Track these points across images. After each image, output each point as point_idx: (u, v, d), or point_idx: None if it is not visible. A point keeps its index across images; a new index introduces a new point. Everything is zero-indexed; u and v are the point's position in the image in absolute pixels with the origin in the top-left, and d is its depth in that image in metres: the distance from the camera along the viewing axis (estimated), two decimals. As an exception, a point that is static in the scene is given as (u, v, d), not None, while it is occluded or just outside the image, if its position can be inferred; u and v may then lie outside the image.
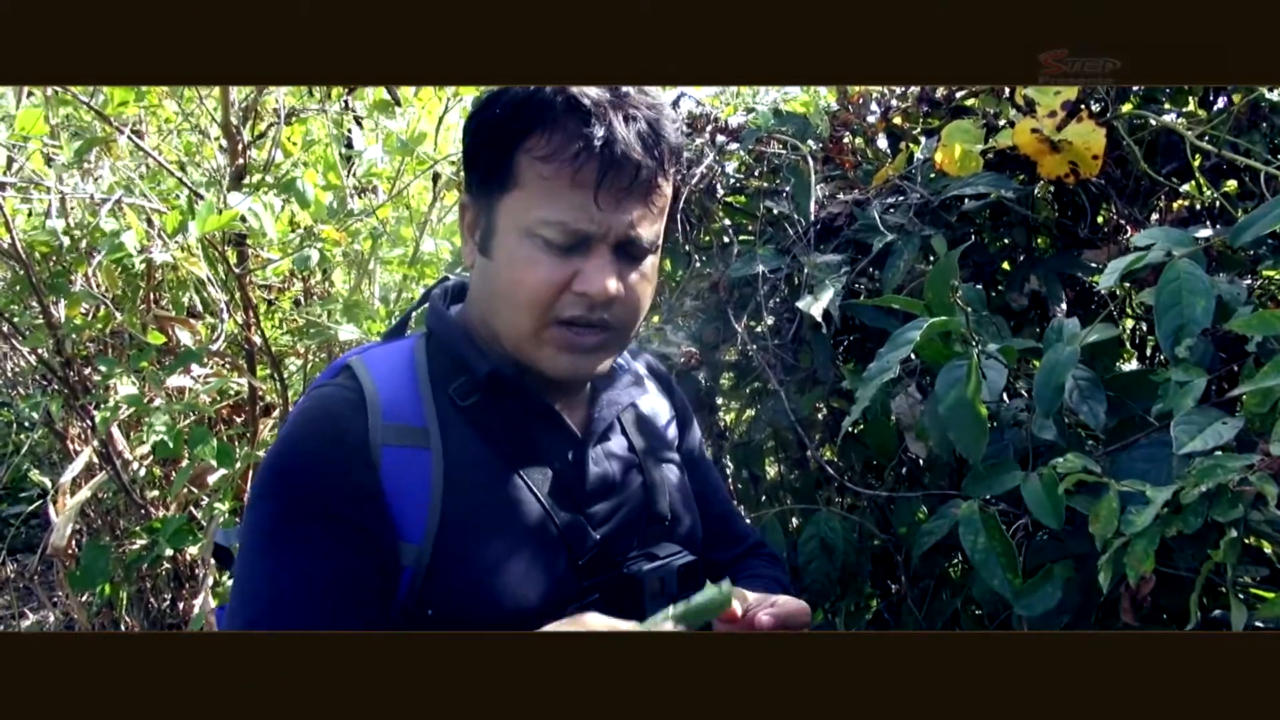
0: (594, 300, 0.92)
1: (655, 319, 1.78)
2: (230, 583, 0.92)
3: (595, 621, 0.83)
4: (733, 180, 1.80)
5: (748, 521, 1.33)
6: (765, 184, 1.74)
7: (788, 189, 1.69)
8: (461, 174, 2.29)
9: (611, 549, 1.01)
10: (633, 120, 0.91)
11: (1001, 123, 1.51)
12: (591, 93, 0.90)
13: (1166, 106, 1.49)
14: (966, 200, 1.55)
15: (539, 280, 0.91)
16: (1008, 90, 1.50)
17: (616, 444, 1.08)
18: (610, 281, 0.92)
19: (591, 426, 1.04)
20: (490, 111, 0.93)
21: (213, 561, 2.18)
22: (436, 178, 2.36)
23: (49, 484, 2.52)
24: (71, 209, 2.08)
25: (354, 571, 0.88)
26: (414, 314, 1.12)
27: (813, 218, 1.62)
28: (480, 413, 0.97)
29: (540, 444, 1.00)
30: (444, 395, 0.97)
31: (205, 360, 2.19)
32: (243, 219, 1.78)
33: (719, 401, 1.85)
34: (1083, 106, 1.37)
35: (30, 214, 2.15)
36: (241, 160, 2.06)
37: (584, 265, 0.91)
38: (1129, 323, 1.63)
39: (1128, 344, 1.63)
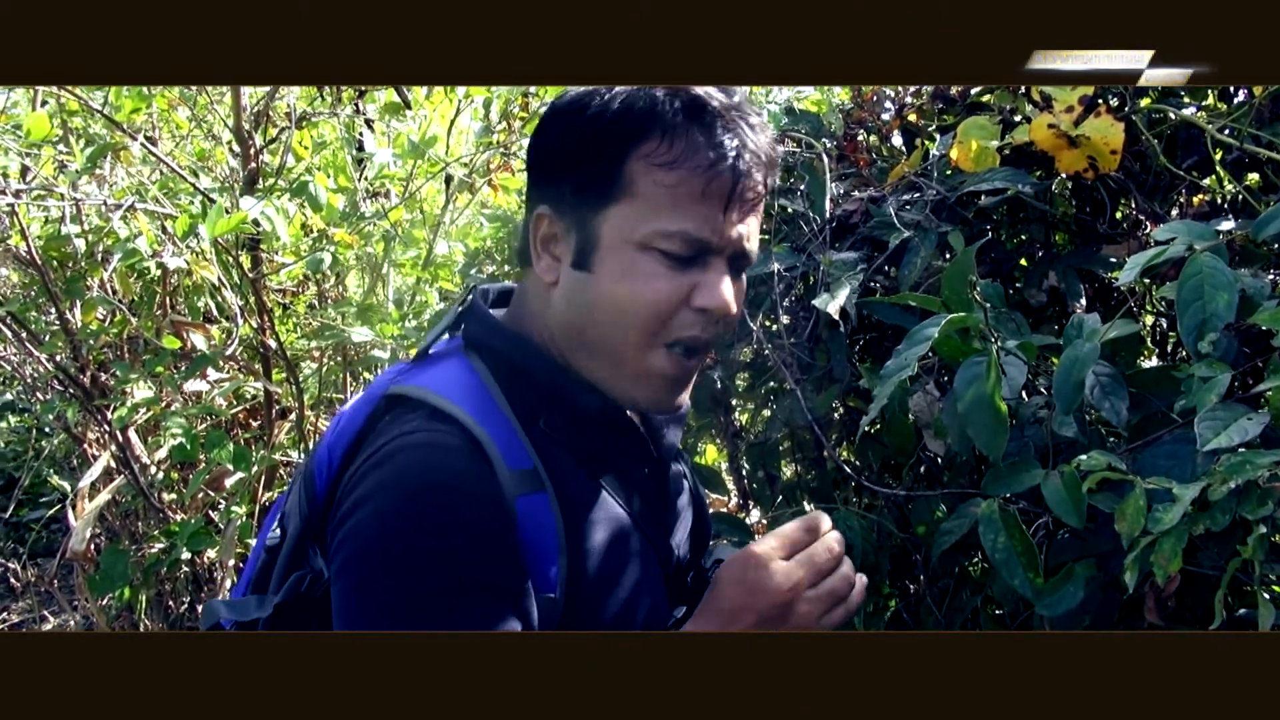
0: (714, 315, 0.86)
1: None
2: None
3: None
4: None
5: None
6: (780, 182, 1.73)
7: (802, 187, 1.68)
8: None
9: (687, 566, 0.99)
10: (756, 129, 0.86)
11: (1018, 118, 1.50)
12: (716, 95, 0.85)
13: (1185, 100, 1.47)
14: (983, 196, 1.53)
15: (658, 295, 0.84)
16: (1024, 85, 1.48)
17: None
18: (730, 296, 0.87)
19: (661, 441, 0.99)
20: (586, 116, 0.85)
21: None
22: (449, 180, 2.36)
23: (68, 488, 2.53)
24: (86, 215, 2.09)
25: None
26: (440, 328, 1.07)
27: (828, 215, 1.61)
28: (567, 439, 0.90)
29: (621, 464, 0.94)
30: (535, 428, 0.88)
31: (221, 364, 2.19)
32: (255, 223, 1.78)
33: (734, 401, 1.85)
34: (1100, 101, 1.36)
35: (46, 220, 2.16)
36: (254, 165, 2.06)
37: (702, 279, 0.85)
38: (1149, 318, 1.62)
39: (1148, 340, 1.62)
